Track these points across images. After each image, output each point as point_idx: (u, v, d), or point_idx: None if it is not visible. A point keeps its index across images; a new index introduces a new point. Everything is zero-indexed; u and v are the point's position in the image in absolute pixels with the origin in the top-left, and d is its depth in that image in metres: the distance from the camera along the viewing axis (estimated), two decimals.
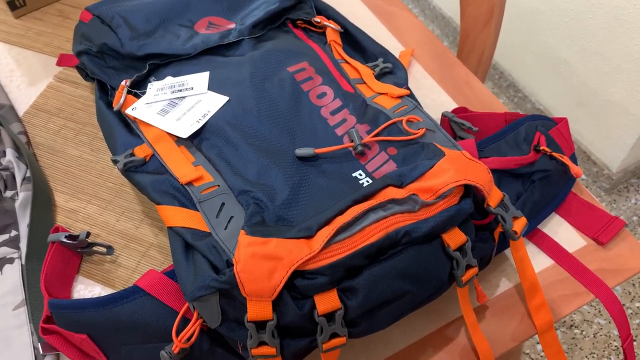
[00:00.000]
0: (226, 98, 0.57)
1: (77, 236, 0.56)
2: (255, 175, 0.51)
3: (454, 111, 0.66)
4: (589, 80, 1.42)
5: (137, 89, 0.61)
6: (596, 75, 1.40)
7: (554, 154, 0.60)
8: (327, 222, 0.45)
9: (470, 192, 0.49)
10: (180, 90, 0.58)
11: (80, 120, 0.71)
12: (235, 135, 0.53)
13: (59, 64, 0.74)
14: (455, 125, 0.63)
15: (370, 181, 0.51)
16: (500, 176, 0.58)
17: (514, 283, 0.57)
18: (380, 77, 0.65)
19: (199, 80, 0.59)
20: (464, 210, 0.47)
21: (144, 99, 0.58)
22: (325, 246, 0.43)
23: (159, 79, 0.61)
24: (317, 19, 0.68)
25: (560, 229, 0.60)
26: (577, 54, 1.42)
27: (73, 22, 0.83)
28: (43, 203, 0.62)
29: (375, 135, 0.54)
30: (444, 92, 0.72)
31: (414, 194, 0.46)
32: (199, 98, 0.57)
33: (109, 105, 0.62)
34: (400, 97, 0.59)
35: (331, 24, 0.67)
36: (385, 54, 0.67)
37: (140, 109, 0.57)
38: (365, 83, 0.62)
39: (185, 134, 0.54)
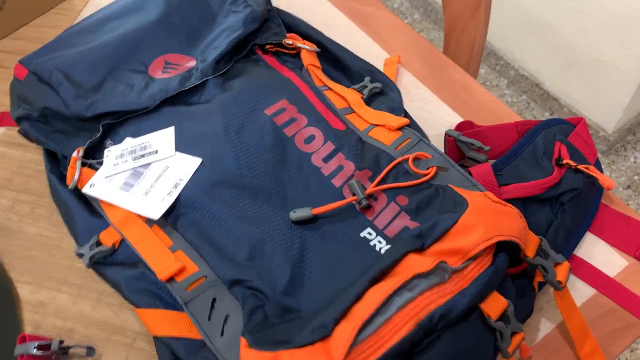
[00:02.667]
0: (199, 160, 0.48)
1: (49, 345, 0.48)
2: (246, 256, 0.43)
3: (458, 127, 0.58)
4: (574, 40, 1.35)
5: (93, 156, 0.52)
6: (582, 35, 1.32)
7: (579, 167, 0.52)
8: (344, 314, 0.38)
9: (502, 243, 0.42)
10: (144, 156, 0.49)
11: (34, 190, 0.62)
12: (216, 207, 0.45)
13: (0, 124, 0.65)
14: (463, 145, 0.55)
15: (383, 241, 0.43)
16: (526, 204, 0.51)
17: (556, 322, 0.50)
18: (370, 99, 0.56)
19: (164, 139, 0.50)
20: (500, 270, 0.40)
21: (102, 171, 0.49)
22: (348, 351, 0.35)
23: (116, 141, 0.52)
24: (289, 40, 0.59)
25: (595, 250, 0.53)
26: (559, 14, 1.34)
27: (9, 71, 0.72)
28: (3, 303, 0.53)
29: (380, 183, 0.46)
30: (440, 101, 0.64)
31: (442, 262, 0.39)
32: (166, 163, 0.49)
33: (63, 179, 0.53)
34: (399, 128, 0.50)
35: (306, 45, 0.58)
36: (372, 72, 0.59)
37: (100, 186, 0.48)
38: (355, 112, 0.53)
39: (156, 214, 0.45)
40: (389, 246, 0.43)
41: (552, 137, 0.55)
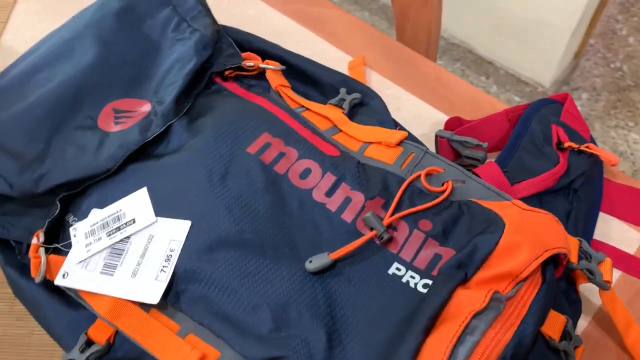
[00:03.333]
0: (187, 222, 0.41)
1: None
2: (271, 326, 0.37)
3: (447, 126, 0.55)
4: (501, 2, 1.35)
5: (56, 238, 0.44)
6: None
7: (582, 147, 0.50)
8: None
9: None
10: (119, 229, 0.42)
11: None
12: (220, 274, 0.39)
13: None
14: (457, 145, 0.51)
15: (416, 276, 0.39)
16: (540, 198, 0.48)
17: (592, 312, 0.47)
18: (351, 113, 0.52)
19: (138, 204, 0.43)
20: (552, 286, 0.37)
21: (73, 255, 0.42)
22: None
23: (80, 215, 0.44)
24: (250, 62, 0.52)
25: (610, 229, 0.51)
26: None
27: None
28: None
29: (396, 209, 0.41)
30: (416, 99, 0.60)
31: (495, 292, 0.35)
32: (149, 232, 0.42)
33: (23, 269, 0.45)
34: (398, 143, 0.46)
35: (269, 65, 0.52)
36: (346, 82, 0.54)
37: (75, 274, 0.41)
38: (342, 131, 0.48)
39: (153, 297, 0.39)
40: (424, 281, 0.38)
41: (547, 121, 0.52)
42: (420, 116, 0.58)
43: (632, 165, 1.39)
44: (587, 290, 0.47)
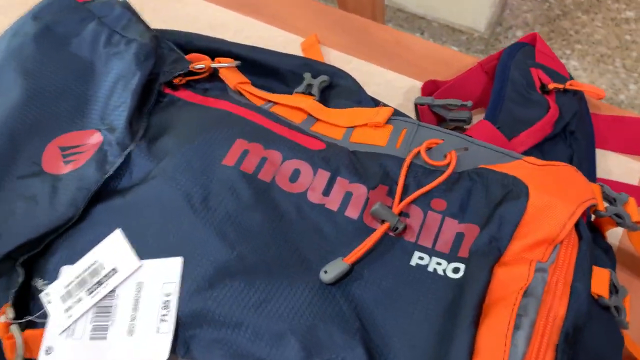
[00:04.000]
0: (178, 259, 0.36)
1: None
2: (303, 354, 0.33)
3: (424, 91, 0.51)
4: None
5: (27, 309, 0.38)
6: None
7: (566, 86, 0.48)
8: None
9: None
10: (101, 283, 0.37)
11: None
12: (230, 309, 0.34)
13: None
14: (440, 109, 0.48)
15: (443, 261, 0.35)
16: (541, 148, 0.45)
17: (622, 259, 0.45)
18: (323, 98, 0.47)
19: (115, 249, 0.37)
20: (589, 240, 0.34)
21: (53, 326, 0.36)
22: None
23: (49, 277, 0.38)
24: (199, 64, 0.47)
25: (609, 164, 0.50)
26: None
27: None
28: None
29: (404, 194, 0.38)
30: (381, 69, 0.56)
31: (538, 263, 0.32)
32: (136, 280, 0.36)
33: None
34: (387, 121, 0.42)
35: (223, 63, 0.47)
36: (308, 64, 0.49)
37: (61, 347, 0.35)
38: (320, 120, 0.44)
39: (161, 355, 0.34)
40: (453, 265, 0.35)
41: (524, 65, 0.49)
42: (390, 87, 0.55)
43: None
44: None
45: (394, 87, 0.55)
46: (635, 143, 0.50)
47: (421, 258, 0.36)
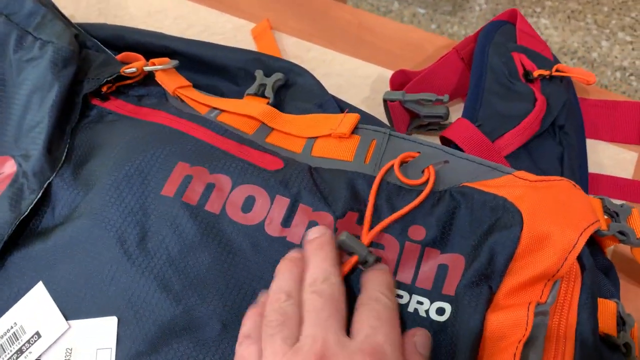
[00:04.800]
0: (112, 319, 0.30)
1: None
2: None
3: (393, 83, 0.45)
4: None
5: None
6: None
7: (552, 73, 0.42)
8: None
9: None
10: (22, 351, 0.31)
11: None
12: None
13: None
14: (413, 105, 0.42)
15: (424, 300, 0.30)
16: (528, 148, 0.40)
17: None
18: (279, 100, 0.41)
19: (37, 309, 0.31)
20: (593, 271, 0.30)
21: None
22: None
23: None
24: (131, 67, 0.40)
25: (600, 156, 0.45)
26: None
27: None
28: None
29: (374, 221, 0.32)
30: (344, 56, 0.50)
31: (537, 305, 0.27)
32: (65, 346, 0.30)
33: None
34: (353, 130, 0.36)
35: (156, 65, 0.40)
36: (260, 60, 0.42)
37: None
38: (276, 130, 0.38)
39: None
40: (437, 304, 0.30)
41: (505, 50, 0.44)
42: (355, 76, 0.48)
43: None
44: None
45: (358, 77, 0.48)
46: (628, 130, 0.45)
47: (400, 296, 0.31)
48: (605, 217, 0.33)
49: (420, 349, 0.28)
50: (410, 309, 0.30)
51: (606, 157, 0.45)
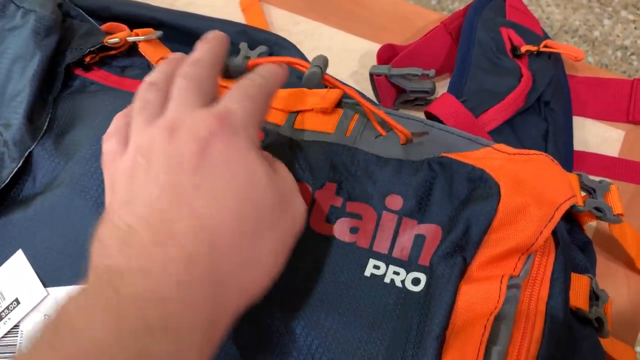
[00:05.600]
0: None
1: None
2: None
3: (380, 57, 0.45)
4: None
5: None
6: None
7: (540, 49, 0.42)
8: None
9: None
10: (1, 318, 0.31)
11: None
12: None
13: None
14: (399, 80, 0.42)
15: (401, 270, 0.30)
16: (511, 123, 0.40)
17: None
18: None
19: (16, 276, 0.32)
20: (567, 245, 0.30)
21: None
22: None
23: None
24: (114, 38, 0.39)
25: (586, 134, 0.45)
26: None
27: None
28: None
29: (352, 187, 0.32)
30: (333, 29, 0.49)
31: (510, 278, 0.28)
32: (44, 312, 0.31)
33: None
34: (336, 103, 0.36)
35: (140, 36, 0.40)
36: (245, 32, 0.42)
37: None
38: None
39: None
40: (412, 275, 0.30)
41: (493, 25, 0.43)
42: (344, 51, 0.48)
43: (550, 30, 1.34)
44: None
45: (347, 52, 0.48)
46: (616, 108, 0.45)
47: (377, 267, 0.31)
48: (583, 193, 0.33)
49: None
50: (387, 279, 0.30)
51: (592, 135, 0.44)
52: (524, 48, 0.42)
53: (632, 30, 1.34)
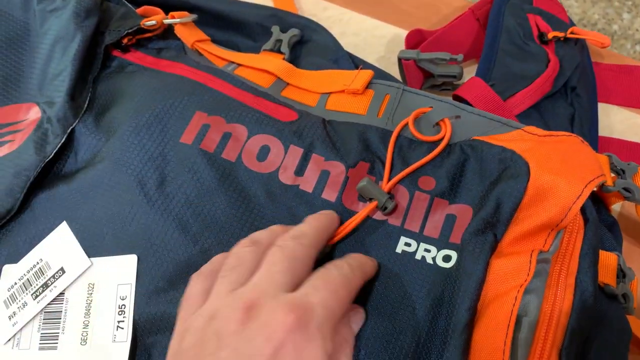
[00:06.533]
0: (132, 257, 0.32)
1: None
2: None
3: (408, 43, 0.46)
4: None
5: None
6: None
7: (567, 35, 0.43)
8: None
9: None
10: (47, 285, 0.32)
11: None
12: None
13: None
14: (427, 64, 0.43)
15: (432, 248, 0.31)
16: (539, 108, 0.40)
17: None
18: (294, 56, 0.42)
19: (62, 246, 0.33)
20: (596, 223, 0.30)
21: None
22: None
23: None
24: (151, 20, 0.41)
25: (612, 120, 0.45)
26: None
27: None
28: None
29: (392, 170, 0.33)
30: (361, 16, 0.50)
31: (541, 253, 0.28)
32: (87, 281, 0.32)
33: None
34: (367, 86, 0.37)
35: (175, 18, 0.41)
36: (277, 16, 0.43)
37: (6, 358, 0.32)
38: (291, 85, 0.39)
39: None
40: (443, 252, 0.31)
41: (520, 11, 0.44)
42: (371, 36, 0.49)
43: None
44: None
45: (374, 37, 0.49)
46: (638, 95, 0.45)
47: (408, 244, 0.32)
48: (612, 175, 0.34)
49: (353, 324, 0.28)
50: (418, 256, 0.31)
51: (617, 121, 0.45)
52: (551, 34, 0.42)
53: None
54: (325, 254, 0.32)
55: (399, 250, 0.32)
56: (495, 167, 0.31)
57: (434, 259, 0.31)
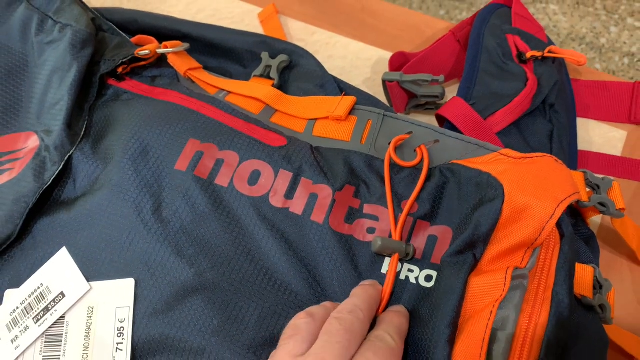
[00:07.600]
0: (130, 281, 0.33)
1: None
2: None
3: (392, 64, 0.47)
4: None
5: None
6: None
7: (545, 54, 0.44)
8: None
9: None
10: (48, 309, 0.34)
11: None
12: (191, 332, 0.32)
13: None
14: (410, 85, 0.44)
15: (414, 268, 0.33)
16: (518, 125, 0.42)
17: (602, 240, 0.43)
18: (283, 80, 0.43)
19: (62, 271, 0.34)
20: (572, 238, 0.32)
21: None
22: None
23: None
24: (144, 49, 0.42)
25: (590, 134, 0.47)
26: None
27: None
28: None
29: (367, 194, 0.35)
30: (347, 39, 0.52)
31: (515, 269, 0.30)
32: (87, 305, 0.33)
33: None
34: (349, 112, 0.38)
35: (168, 48, 0.43)
36: (266, 43, 0.45)
37: None
38: (279, 111, 0.40)
39: None
40: (425, 272, 0.32)
41: (500, 32, 0.46)
42: (357, 59, 0.51)
43: (557, 38, 1.36)
44: None
45: (360, 60, 0.51)
46: (618, 109, 0.47)
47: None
48: (588, 189, 0.35)
49: None
50: (402, 277, 0.33)
51: (596, 135, 0.47)
52: (529, 54, 0.44)
53: (638, 37, 1.36)
54: None
55: (384, 271, 0.33)
56: (473, 190, 0.33)
57: (417, 278, 0.33)
